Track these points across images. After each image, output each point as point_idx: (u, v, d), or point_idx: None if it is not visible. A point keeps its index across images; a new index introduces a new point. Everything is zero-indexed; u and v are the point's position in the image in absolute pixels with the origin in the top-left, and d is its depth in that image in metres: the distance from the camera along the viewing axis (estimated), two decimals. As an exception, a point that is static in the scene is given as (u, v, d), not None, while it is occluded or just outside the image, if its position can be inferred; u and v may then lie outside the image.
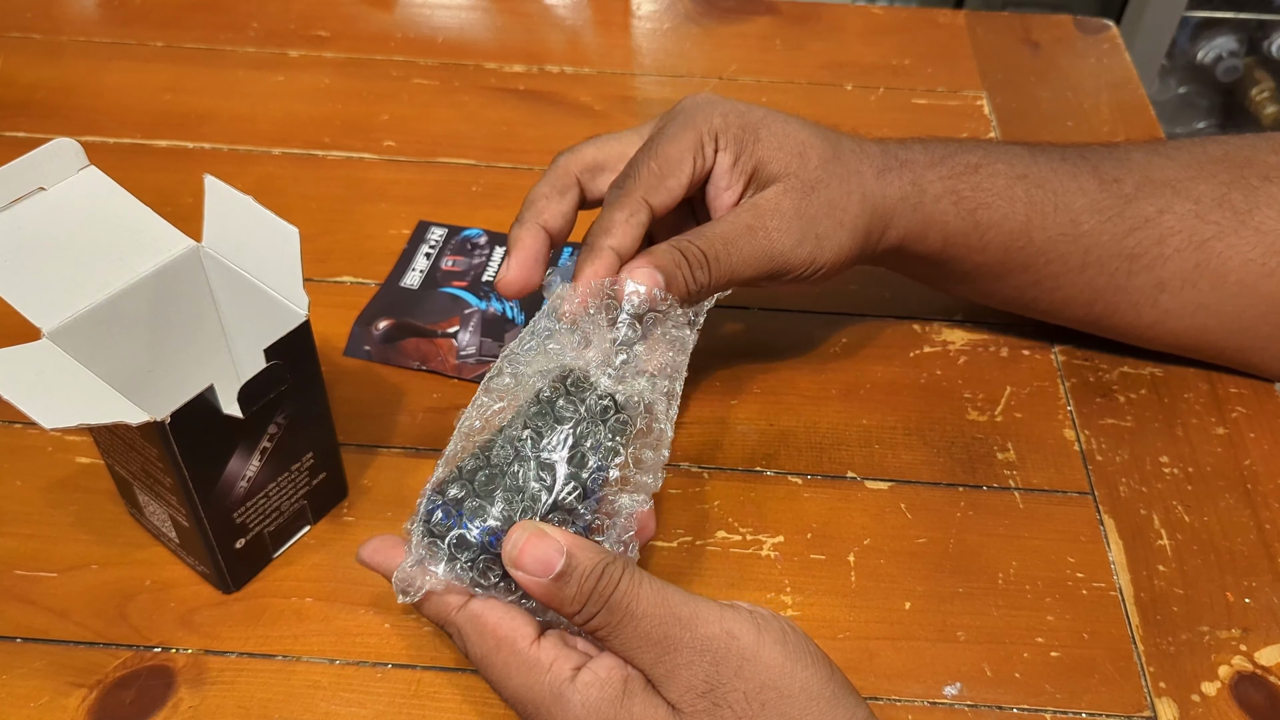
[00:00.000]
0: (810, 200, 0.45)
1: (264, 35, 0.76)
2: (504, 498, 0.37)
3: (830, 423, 0.53)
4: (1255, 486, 0.50)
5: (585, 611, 0.35)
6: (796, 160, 0.46)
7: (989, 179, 0.49)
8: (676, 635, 0.34)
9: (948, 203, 0.48)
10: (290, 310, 0.42)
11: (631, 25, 0.80)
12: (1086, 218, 0.49)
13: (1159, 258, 0.49)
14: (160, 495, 0.42)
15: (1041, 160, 0.50)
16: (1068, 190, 0.49)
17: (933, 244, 0.49)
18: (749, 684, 0.33)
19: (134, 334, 0.44)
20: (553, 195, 0.46)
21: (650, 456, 0.39)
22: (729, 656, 0.34)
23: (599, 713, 0.34)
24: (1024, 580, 0.46)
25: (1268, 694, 0.43)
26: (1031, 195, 0.49)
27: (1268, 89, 1.48)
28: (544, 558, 0.34)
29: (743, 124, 0.46)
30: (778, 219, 0.45)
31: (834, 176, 0.46)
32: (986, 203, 0.49)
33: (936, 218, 0.48)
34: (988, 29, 0.80)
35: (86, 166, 0.44)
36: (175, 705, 0.41)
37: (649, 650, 0.34)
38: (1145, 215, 0.49)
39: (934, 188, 0.48)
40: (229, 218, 0.44)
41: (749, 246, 0.44)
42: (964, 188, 0.49)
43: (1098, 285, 0.51)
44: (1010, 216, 0.49)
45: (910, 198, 0.48)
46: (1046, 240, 0.49)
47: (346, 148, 0.67)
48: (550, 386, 0.39)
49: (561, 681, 0.35)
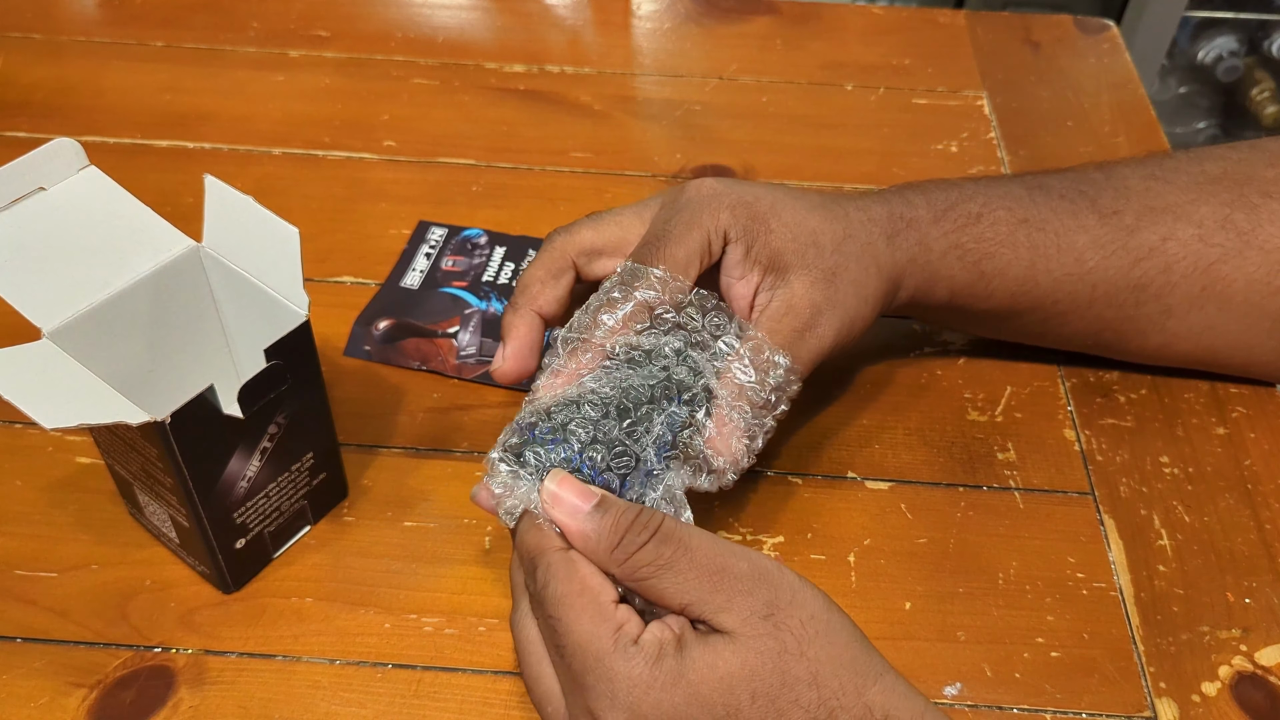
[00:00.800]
0: (836, 288, 0.45)
1: (264, 35, 0.76)
2: (590, 429, 0.39)
3: (830, 423, 0.53)
4: (1255, 486, 0.50)
5: (629, 543, 0.35)
6: (812, 250, 0.45)
7: (990, 228, 0.49)
8: (733, 565, 0.35)
9: (953, 258, 0.49)
10: (290, 310, 0.42)
11: (632, 25, 0.80)
12: (1090, 254, 0.49)
13: (1166, 285, 0.49)
14: (160, 495, 0.42)
15: (1040, 201, 0.50)
16: (1069, 230, 0.49)
17: (940, 297, 0.50)
18: (803, 611, 0.35)
19: (134, 334, 0.44)
20: (547, 280, 0.46)
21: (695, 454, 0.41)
22: (784, 586, 0.35)
23: (663, 671, 0.34)
24: (1024, 580, 0.46)
25: (1268, 694, 0.43)
26: (1034, 240, 0.49)
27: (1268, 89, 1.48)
28: (578, 493, 0.36)
29: (751, 215, 0.45)
30: (817, 315, 0.45)
31: (850, 258, 0.46)
32: (990, 253, 0.49)
33: (943, 273, 0.49)
34: (988, 29, 0.80)
35: (86, 166, 0.44)
36: (175, 705, 0.41)
37: (706, 580, 0.35)
38: (1149, 245, 0.49)
39: (939, 244, 0.48)
40: (229, 218, 0.44)
41: (804, 350, 0.44)
42: (967, 240, 0.49)
43: (1106, 318, 0.51)
44: (1014, 263, 0.49)
45: (919, 258, 0.48)
46: (1052, 282, 0.49)
47: (347, 148, 0.67)
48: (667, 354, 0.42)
49: (628, 639, 0.35)
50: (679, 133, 0.70)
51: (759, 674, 0.34)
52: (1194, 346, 0.52)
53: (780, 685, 0.34)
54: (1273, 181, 0.50)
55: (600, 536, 0.36)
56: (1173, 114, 1.53)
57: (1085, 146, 0.70)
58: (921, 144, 0.70)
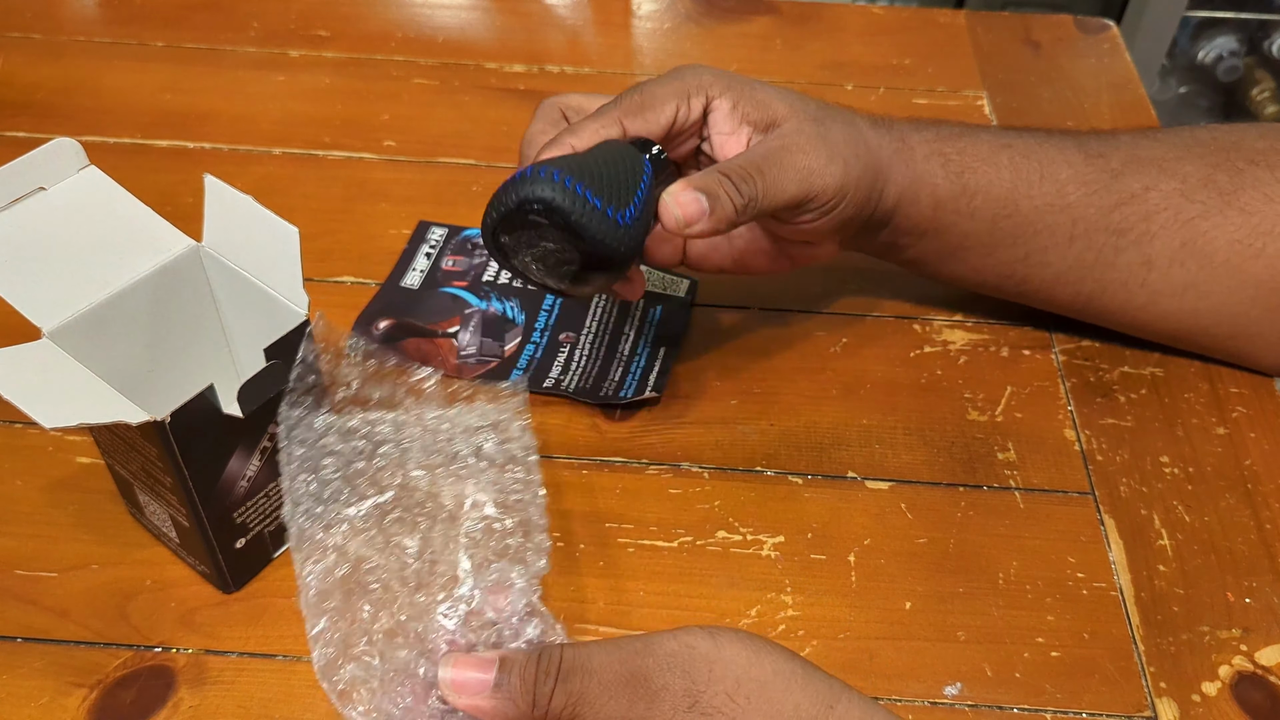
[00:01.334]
0: (823, 128, 0.46)
1: (264, 35, 0.76)
2: None
3: (830, 423, 0.53)
4: (1256, 486, 0.50)
5: (542, 694, 0.33)
6: (798, 100, 0.47)
7: (973, 144, 0.50)
8: (640, 665, 0.33)
9: (936, 163, 0.50)
10: (290, 310, 0.42)
11: (632, 25, 0.80)
12: (1073, 189, 0.50)
13: (1145, 234, 0.50)
14: (161, 495, 0.42)
15: (1026, 134, 0.52)
16: (1053, 161, 0.50)
17: (924, 207, 0.50)
18: (725, 683, 0.33)
19: (134, 334, 0.44)
20: (548, 130, 0.48)
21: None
22: (696, 663, 0.33)
23: None
24: (1024, 580, 0.46)
25: (1268, 694, 0.43)
26: (1016, 163, 0.50)
27: (1268, 89, 1.48)
28: (476, 673, 0.34)
29: (731, 79, 0.48)
30: (804, 139, 0.46)
31: (834, 118, 0.48)
32: (972, 166, 0.50)
33: (926, 179, 0.49)
34: (988, 29, 0.80)
35: (87, 166, 0.44)
36: (175, 705, 0.41)
37: (623, 694, 0.33)
38: (1131, 191, 0.50)
39: (921, 148, 0.50)
40: (229, 217, 0.44)
41: (786, 162, 0.45)
42: (950, 150, 0.50)
43: (1086, 261, 0.51)
44: (996, 182, 0.50)
45: (901, 153, 0.49)
46: (1033, 209, 0.50)
47: (347, 148, 0.67)
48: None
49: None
50: (679, 133, 0.70)
51: None
52: (1178, 307, 0.51)
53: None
54: (1261, 152, 0.50)
55: (515, 702, 0.34)
56: (1173, 114, 1.53)
57: (1085, 146, 0.70)
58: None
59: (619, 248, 0.41)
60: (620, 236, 0.41)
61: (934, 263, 0.54)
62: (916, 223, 0.51)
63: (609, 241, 0.41)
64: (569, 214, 0.40)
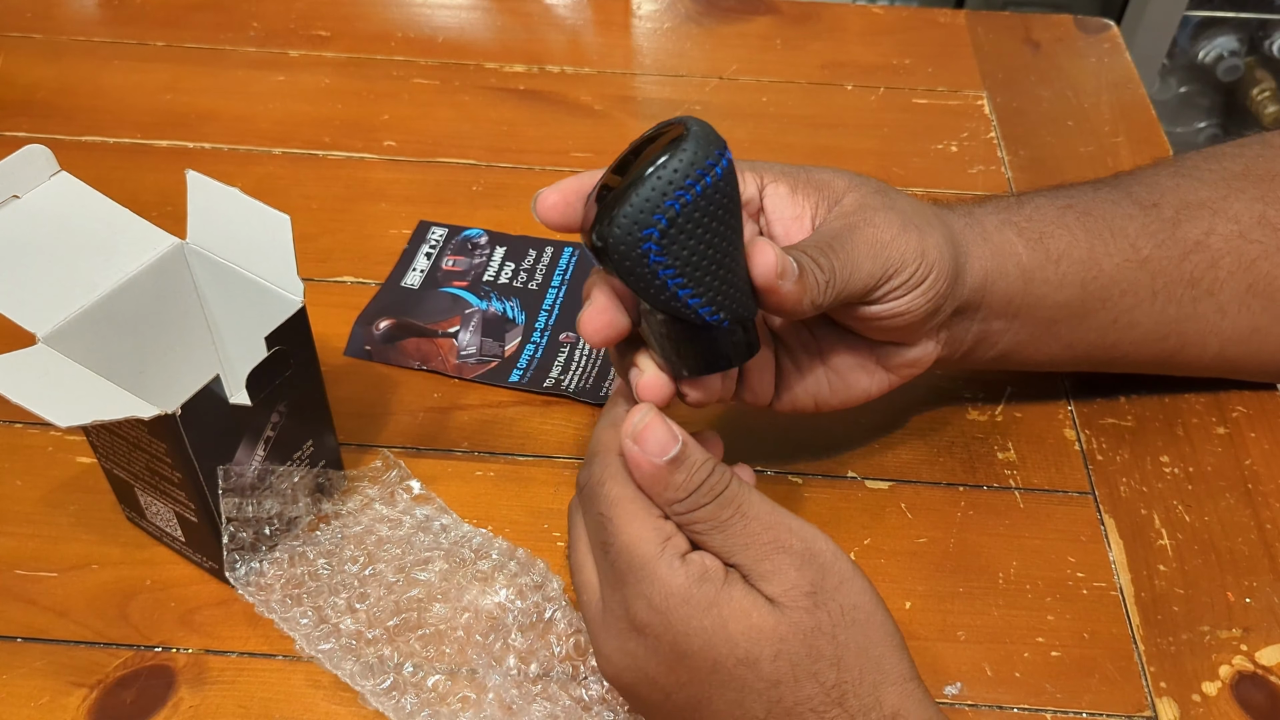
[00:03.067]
0: (893, 200, 0.42)
1: (264, 35, 0.76)
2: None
3: (830, 422, 0.52)
4: (1256, 486, 0.50)
5: (692, 501, 0.35)
6: (857, 177, 0.43)
7: (1037, 210, 0.47)
8: (786, 540, 0.36)
9: (1011, 233, 0.46)
10: (284, 298, 0.42)
11: (632, 25, 0.80)
12: (1144, 243, 0.47)
13: (1215, 281, 0.48)
14: (166, 493, 0.42)
15: (1076, 191, 0.49)
16: (1115, 216, 0.48)
17: (1013, 280, 0.45)
18: (846, 599, 0.35)
19: (123, 334, 0.44)
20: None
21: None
22: (833, 571, 0.36)
23: (701, 591, 0.35)
24: (1024, 580, 0.46)
25: (1268, 694, 0.43)
26: (1085, 223, 0.47)
27: (1268, 88, 1.48)
28: (663, 440, 0.35)
29: (785, 166, 0.43)
30: (870, 213, 0.41)
31: (899, 192, 0.44)
32: (1048, 231, 0.46)
33: (1006, 249, 0.45)
34: (988, 29, 0.80)
35: (58, 172, 0.44)
36: (176, 705, 0.41)
37: (755, 549, 0.35)
38: (1194, 239, 0.48)
39: (991, 219, 0.46)
40: (215, 211, 0.44)
41: (857, 239, 0.40)
42: (1019, 219, 0.46)
43: (1170, 315, 0.48)
44: (1074, 245, 0.46)
45: (972, 227, 0.45)
46: (1114, 268, 0.47)
47: (347, 148, 0.67)
48: None
49: (675, 552, 0.35)
50: (679, 132, 0.70)
51: (787, 641, 0.34)
52: (1244, 351, 0.50)
53: (804, 657, 0.35)
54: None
55: (667, 489, 0.36)
56: (1173, 114, 1.53)
57: (1085, 146, 0.70)
58: (921, 144, 0.70)
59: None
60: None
61: (1029, 347, 0.49)
62: (1009, 299, 0.46)
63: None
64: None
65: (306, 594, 0.44)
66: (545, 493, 0.49)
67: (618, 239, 0.33)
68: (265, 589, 0.44)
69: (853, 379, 0.45)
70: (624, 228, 0.32)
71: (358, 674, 0.41)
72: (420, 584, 0.44)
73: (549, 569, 0.45)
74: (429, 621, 0.43)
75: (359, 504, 0.47)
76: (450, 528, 0.46)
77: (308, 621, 0.43)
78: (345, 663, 0.41)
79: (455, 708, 0.40)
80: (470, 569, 0.45)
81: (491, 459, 0.50)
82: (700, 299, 0.34)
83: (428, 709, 0.40)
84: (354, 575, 0.44)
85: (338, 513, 0.47)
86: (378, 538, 0.46)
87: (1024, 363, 0.50)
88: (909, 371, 0.46)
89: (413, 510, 0.47)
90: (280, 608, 0.43)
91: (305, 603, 0.43)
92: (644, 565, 0.35)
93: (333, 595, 0.44)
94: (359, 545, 0.45)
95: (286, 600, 0.43)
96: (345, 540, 0.46)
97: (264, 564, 0.44)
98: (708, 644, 0.35)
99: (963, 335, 0.46)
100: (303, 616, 0.43)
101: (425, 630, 0.43)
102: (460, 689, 0.41)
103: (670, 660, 0.35)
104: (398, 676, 0.41)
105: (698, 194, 0.32)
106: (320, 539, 0.46)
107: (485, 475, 0.50)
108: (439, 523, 0.46)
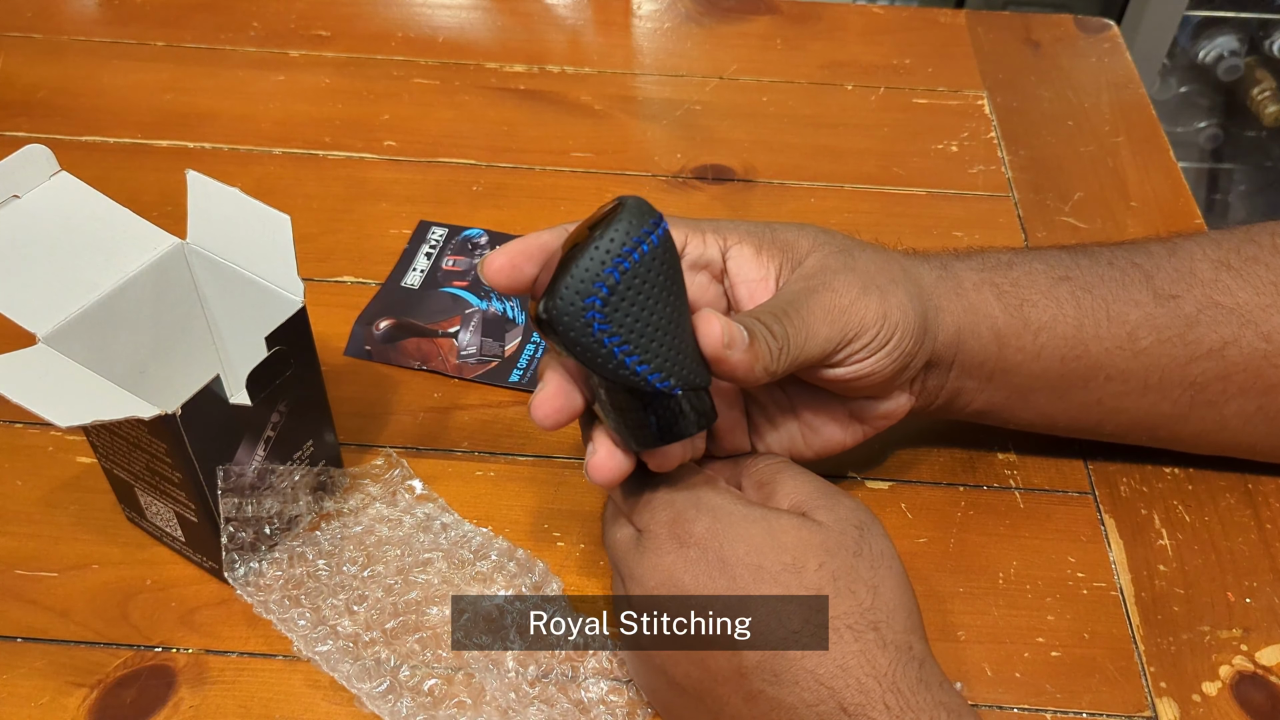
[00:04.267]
0: (856, 259, 0.41)
1: (265, 35, 0.76)
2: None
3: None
4: (1256, 486, 0.50)
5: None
6: (822, 235, 0.42)
7: (1027, 276, 0.44)
8: (839, 493, 0.40)
9: (989, 293, 0.44)
10: (285, 298, 0.42)
11: (632, 25, 0.80)
12: (1144, 334, 0.44)
13: (1221, 395, 0.45)
14: (166, 493, 0.42)
15: (1084, 263, 0.45)
16: (1119, 300, 0.44)
17: (986, 342, 0.44)
18: (885, 548, 0.38)
19: (124, 334, 0.44)
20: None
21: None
22: (876, 530, 0.39)
23: (752, 508, 0.38)
24: (1024, 580, 0.46)
25: (1268, 694, 0.43)
26: (1079, 298, 0.44)
27: (1269, 88, 1.48)
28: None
29: (750, 225, 0.42)
30: (829, 275, 0.40)
31: (861, 249, 0.42)
32: (1031, 299, 0.44)
33: (981, 309, 0.43)
34: (988, 28, 0.80)
35: (58, 172, 0.44)
36: (176, 705, 0.41)
37: (817, 491, 0.40)
38: (1208, 345, 0.44)
39: (969, 277, 0.44)
40: (215, 212, 0.44)
41: (814, 304, 0.39)
42: (1002, 282, 0.44)
43: (1162, 411, 0.46)
44: (1060, 319, 0.44)
45: (945, 280, 0.43)
46: (1103, 353, 0.44)
47: (347, 147, 0.67)
48: None
49: (718, 480, 0.41)
50: (679, 132, 0.70)
51: (834, 554, 0.37)
52: (1248, 449, 0.48)
53: (845, 573, 0.36)
54: None
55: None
56: (1173, 113, 1.53)
57: (1085, 146, 0.70)
58: (921, 144, 0.70)
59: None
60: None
61: (1004, 411, 0.47)
62: (982, 360, 0.44)
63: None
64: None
65: (305, 595, 0.44)
66: (546, 493, 0.49)
67: (561, 309, 0.34)
68: (264, 589, 0.44)
69: (826, 432, 0.45)
70: (566, 299, 0.33)
71: (354, 676, 0.41)
72: (419, 585, 0.44)
73: (548, 570, 0.45)
74: (427, 624, 0.43)
75: (360, 503, 0.47)
76: (451, 527, 0.46)
77: (305, 623, 0.43)
78: (342, 665, 0.41)
79: (451, 712, 0.40)
80: (469, 570, 0.45)
81: (492, 459, 0.50)
82: (648, 365, 0.35)
83: (424, 713, 0.40)
84: (352, 576, 0.44)
85: (339, 511, 0.47)
86: (378, 538, 0.46)
87: (1004, 423, 0.48)
88: (883, 423, 0.45)
89: (414, 509, 0.47)
90: (279, 608, 0.43)
91: (304, 604, 0.43)
92: (692, 489, 0.38)
93: (331, 596, 0.44)
94: (359, 546, 0.45)
95: (285, 601, 0.43)
96: (345, 541, 0.46)
97: (263, 564, 0.45)
98: (754, 549, 0.36)
99: (936, 390, 0.45)
100: (300, 618, 0.43)
101: (423, 633, 0.43)
102: (457, 692, 0.41)
103: (713, 568, 0.36)
104: (394, 679, 0.41)
105: (635, 261, 0.34)
106: (320, 539, 0.46)
107: (485, 475, 0.50)
108: (439, 522, 0.46)
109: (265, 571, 0.44)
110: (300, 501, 0.46)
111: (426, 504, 0.47)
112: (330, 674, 0.42)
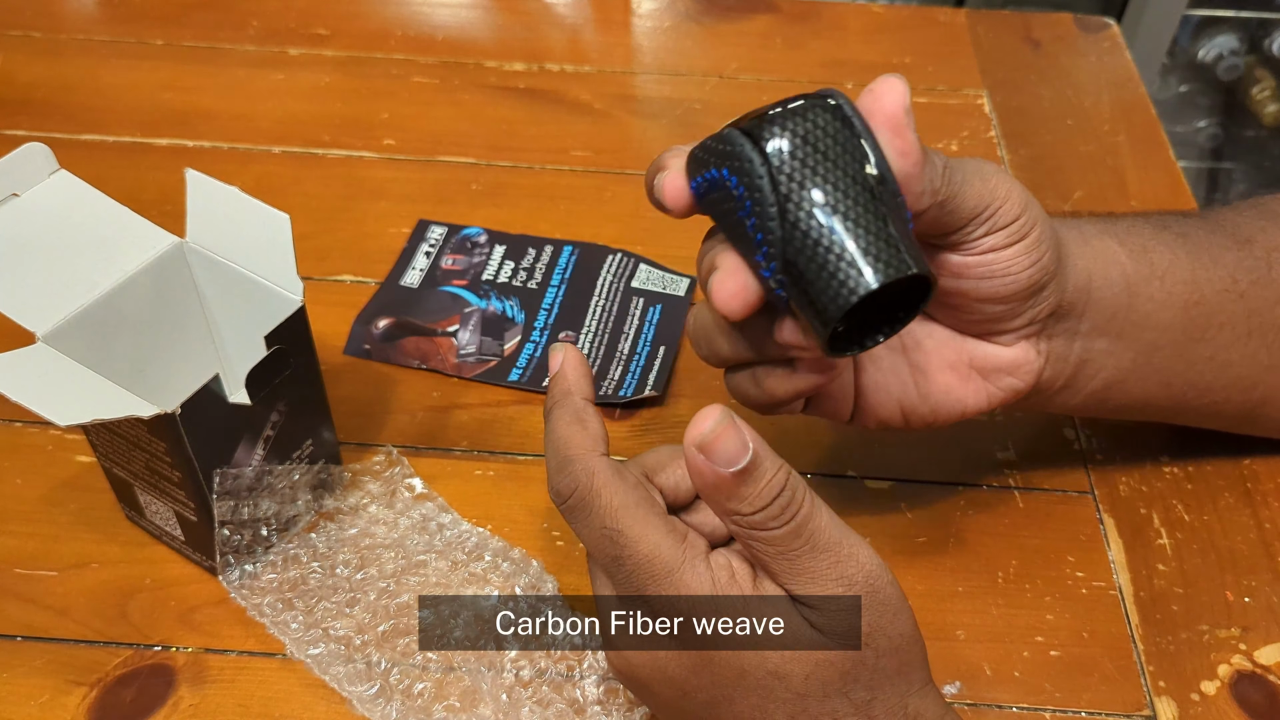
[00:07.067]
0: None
1: (264, 33, 0.76)
2: None
3: (829, 422, 0.52)
4: (1255, 485, 0.50)
5: (759, 519, 0.33)
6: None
7: (1135, 225, 0.44)
8: (852, 574, 0.33)
9: (1111, 240, 0.42)
10: (284, 297, 0.42)
11: (632, 23, 0.80)
12: (1241, 276, 0.44)
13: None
14: (166, 492, 0.42)
15: (1167, 215, 0.46)
16: (1213, 244, 0.44)
17: (1118, 289, 0.42)
18: (893, 629, 0.34)
19: (123, 333, 0.44)
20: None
21: None
22: (889, 606, 0.34)
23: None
24: (1024, 579, 0.47)
25: (1267, 693, 0.43)
26: (1185, 245, 0.44)
27: (1269, 87, 1.48)
28: (733, 451, 0.32)
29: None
30: (981, 163, 0.39)
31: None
32: (1149, 245, 0.43)
33: (1108, 254, 0.42)
34: (988, 27, 0.80)
35: (57, 170, 0.44)
36: (175, 704, 0.41)
37: (817, 584, 0.33)
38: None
39: (1090, 226, 0.43)
40: (214, 211, 0.44)
41: (968, 165, 0.38)
42: (1118, 229, 0.43)
43: (1261, 361, 0.45)
44: (1176, 264, 0.43)
45: (1070, 226, 0.42)
46: (1216, 296, 0.44)
47: (346, 146, 0.67)
48: None
49: (695, 557, 0.34)
50: (679, 131, 0.70)
51: (823, 666, 0.33)
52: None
53: (837, 680, 0.33)
54: None
55: (730, 499, 0.33)
56: (1173, 112, 1.53)
57: (1085, 145, 0.70)
58: (922, 142, 0.70)
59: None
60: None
61: (1130, 380, 0.44)
62: (1113, 312, 0.42)
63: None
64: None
65: (299, 598, 0.44)
66: (545, 492, 0.49)
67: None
68: (258, 592, 0.44)
69: (944, 382, 0.42)
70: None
71: (345, 680, 0.41)
72: (412, 589, 0.44)
73: (543, 569, 0.45)
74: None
75: (359, 501, 0.47)
76: (448, 526, 0.46)
77: (298, 626, 0.43)
78: (334, 668, 0.41)
79: (442, 715, 0.40)
80: (463, 570, 0.45)
81: (491, 458, 0.51)
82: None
83: (414, 716, 0.40)
84: (345, 579, 0.44)
85: (338, 509, 0.47)
86: (373, 540, 0.46)
87: (1121, 403, 0.46)
88: (1008, 381, 0.42)
89: (410, 510, 0.47)
90: (272, 611, 0.43)
91: (297, 606, 0.43)
92: (667, 575, 0.34)
93: (324, 599, 0.44)
94: (354, 549, 0.45)
95: (278, 604, 0.43)
96: (341, 543, 0.46)
97: (258, 566, 0.45)
98: (736, 652, 0.34)
99: (1065, 353, 0.42)
100: (293, 620, 0.43)
101: (416, 636, 0.43)
102: (448, 695, 0.41)
103: (695, 664, 0.34)
104: (385, 682, 0.41)
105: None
106: (315, 542, 0.46)
107: (485, 474, 0.50)
108: (436, 521, 0.46)
109: (260, 574, 0.44)
110: (299, 501, 0.46)
111: (425, 503, 0.47)
112: (321, 677, 0.42)
